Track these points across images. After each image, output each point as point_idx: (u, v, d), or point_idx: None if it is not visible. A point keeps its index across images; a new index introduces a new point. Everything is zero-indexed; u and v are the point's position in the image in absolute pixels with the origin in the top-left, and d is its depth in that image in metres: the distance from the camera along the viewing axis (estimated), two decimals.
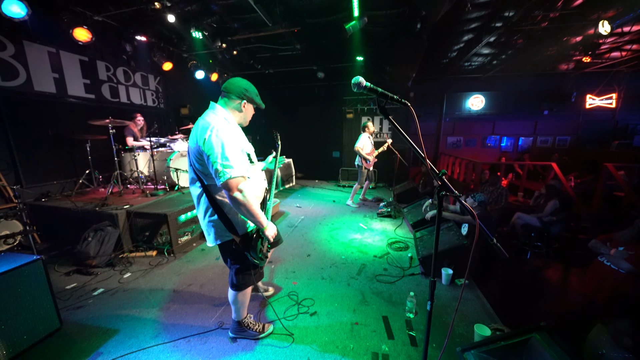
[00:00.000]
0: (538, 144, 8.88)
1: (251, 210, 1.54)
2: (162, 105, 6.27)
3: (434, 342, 2.01)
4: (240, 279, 1.82)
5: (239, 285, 1.84)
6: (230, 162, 1.44)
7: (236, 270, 1.81)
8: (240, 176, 1.47)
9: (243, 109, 1.66)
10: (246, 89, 1.64)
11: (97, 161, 4.41)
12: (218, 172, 1.43)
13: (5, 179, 3.65)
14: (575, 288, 3.22)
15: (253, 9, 4.16)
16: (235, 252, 1.75)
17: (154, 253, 3.46)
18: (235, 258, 1.79)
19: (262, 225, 1.63)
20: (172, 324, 2.24)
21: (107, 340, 2.06)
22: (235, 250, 1.72)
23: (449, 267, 2.84)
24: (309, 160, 9.30)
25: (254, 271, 1.82)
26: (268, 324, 2.15)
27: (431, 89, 8.80)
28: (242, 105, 1.65)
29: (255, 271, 1.83)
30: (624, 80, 7.75)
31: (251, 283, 1.87)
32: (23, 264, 1.91)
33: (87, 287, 2.77)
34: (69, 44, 4.18)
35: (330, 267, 3.19)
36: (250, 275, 1.81)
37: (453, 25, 5.15)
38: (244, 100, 1.64)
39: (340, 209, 5.62)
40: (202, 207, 1.67)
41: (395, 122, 1.31)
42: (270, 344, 2.02)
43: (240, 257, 1.75)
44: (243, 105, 1.65)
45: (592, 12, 4.37)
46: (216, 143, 1.43)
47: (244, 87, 1.63)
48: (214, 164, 1.43)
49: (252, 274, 1.81)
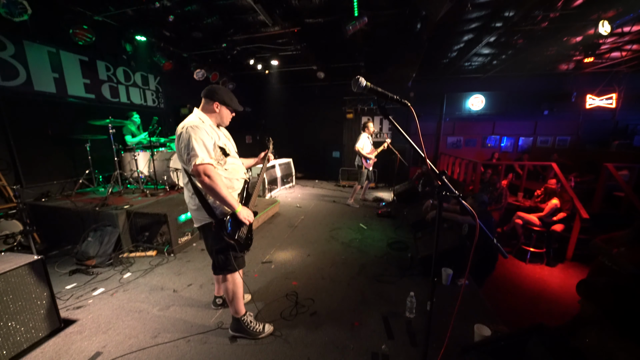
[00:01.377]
0: (538, 144, 8.88)
1: (219, 194, 1.71)
2: (162, 105, 6.27)
3: (434, 342, 2.01)
4: (221, 260, 1.92)
5: (220, 267, 1.94)
6: (196, 151, 1.66)
7: (216, 250, 1.92)
8: (207, 163, 1.67)
9: (216, 110, 1.88)
10: (217, 93, 1.86)
11: (97, 161, 4.41)
12: (187, 161, 1.68)
13: (5, 179, 3.65)
14: (575, 288, 3.22)
15: (253, 9, 4.16)
16: (214, 234, 1.88)
17: (154, 253, 3.46)
18: (214, 239, 1.91)
19: (234, 208, 1.78)
20: (172, 324, 2.24)
21: (107, 340, 2.06)
22: (215, 232, 1.87)
23: (449, 267, 2.84)
24: (309, 160, 9.31)
25: (233, 254, 1.91)
26: (269, 324, 2.15)
27: (431, 89, 8.80)
28: (215, 107, 1.87)
29: (235, 254, 1.92)
30: (624, 80, 7.75)
31: (232, 267, 1.94)
32: (23, 264, 1.91)
33: (87, 287, 2.77)
34: (69, 44, 4.18)
35: (330, 267, 3.19)
36: (229, 258, 1.90)
37: (453, 25, 5.14)
38: (215, 101, 1.86)
39: (340, 209, 5.62)
40: (187, 193, 1.89)
41: (395, 122, 1.31)
42: (270, 344, 2.02)
43: (218, 238, 1.87)
44: (215, 106, 1.86)
45: (592, 12, 4.36)
46: (185, 137, 1.69)
47: (215, 91, 1.86)
48: (185, 154, 1.68)
49: (232, 256, 1.91)
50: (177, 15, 4.41)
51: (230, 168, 1.92)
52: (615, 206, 4.78)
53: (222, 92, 1.88)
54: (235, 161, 2.00)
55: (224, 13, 4.63)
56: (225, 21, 4.85)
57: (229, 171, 1.91)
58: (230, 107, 1.93)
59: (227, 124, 2.00)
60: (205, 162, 1.67)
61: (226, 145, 1.90)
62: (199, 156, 1.66)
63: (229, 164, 1.91)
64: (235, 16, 4.76)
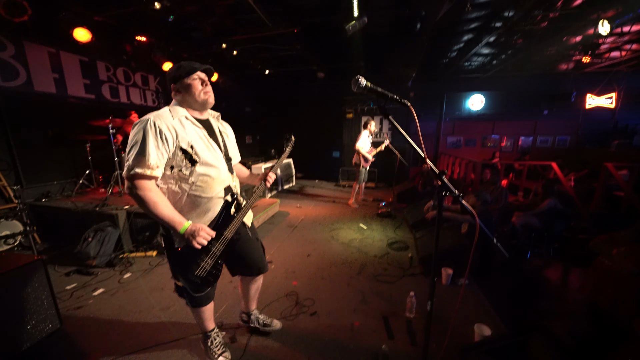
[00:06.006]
0: (538, 144, 8.89)
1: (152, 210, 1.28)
2: (162, 105, 6.25)
3: (434, 342, 2.01)
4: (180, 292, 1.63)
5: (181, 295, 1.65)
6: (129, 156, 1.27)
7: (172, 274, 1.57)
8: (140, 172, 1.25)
9: (178, 93, 1.44)
10: (167, 74, 1.46)
11: (97, 161, 4.41)
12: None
13: (5, 179, 3.65)
14: (575, 288, 3.22)
15: (253, 9, 4.16)
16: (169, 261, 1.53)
17: (154, 253, 3.46)
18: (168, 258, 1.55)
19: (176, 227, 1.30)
20: (172, 324, 2.24)
21: (107, 340, 2.06)
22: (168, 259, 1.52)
23: (448, 267, 2.84)
24: (309, 160, 9.30)
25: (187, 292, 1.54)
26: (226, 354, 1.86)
27: (431, 89, 8.81)
28: (174, 90, 1.44)
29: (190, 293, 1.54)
30: (623, 80, 7.76)
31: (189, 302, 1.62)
32: (23, 264, 1.91)
33: (87, 287, 2.77)
34: (69, 44, 4.18)
35: (330, 267, 3.19)
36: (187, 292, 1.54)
37: (453, 25, 5.15)
38: (170, 84, 1.44)
39: (340, 209, 5.62)
40: None
41: (395, 122, 1.31)
42: (270, 344, 2.03)
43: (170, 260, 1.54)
44: (173, 89, 1.44)
45: (591, 12, 4.37)
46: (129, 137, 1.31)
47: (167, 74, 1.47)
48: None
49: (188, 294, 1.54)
50: (177, 16, 4.41)
51: (199, 182, 1.41)
52: (615, 206, 4.78)
53: (170, 70, 1.44)
54: (212, 172, 1.44)
55: (224, 13, 4.63)
56: (226, 21, 4.85)
57: (198, 187, 1.41)
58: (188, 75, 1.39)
59: (208, 99, 1.45)
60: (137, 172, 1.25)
61: (194, 147, 1.37)
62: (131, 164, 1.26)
63: (198, 175, 1.40)
64: (235, 16, 4.76)
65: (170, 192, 1.42)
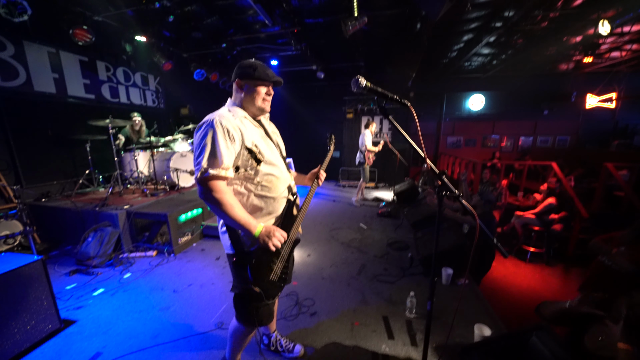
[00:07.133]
0: (538, 144, 8.88)
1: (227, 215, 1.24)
2: (162, 105, 6.28)
3: (434, 342, 2.01)
4: (240, 308, 1.46)
5: (239, 316, 1.49)
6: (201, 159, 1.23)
7: (234, 295, 1.44)
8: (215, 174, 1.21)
9: (241, 91, 1.37)
10: (238, 67, 1.35)
11: (97, 161, 4.41)
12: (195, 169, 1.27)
13: (5, 179, 3.66)
14: (575, 288, 3.22)
15: (253, 9, 4.16)
16: (234, 268, 1.40)
17: (154, 253, 3.46)
18: (234, 276, 1.43)
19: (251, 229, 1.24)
20: (172, 324, 2.24)
21: (107, 340, 2.06)
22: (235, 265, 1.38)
23: (449, 266, 2.84)
24: (309, 160, 9.28)
25: (255, 304, 1.38)
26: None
27: (431, 89, 8.80)
28: (237, 86, 1.37)
29: (257, 304, 1.39)
30: (624, 80, 7.75)
31: (252, 320, 1.43)
32: (23, 264, 1.91)
33: (87, 287, 2.77)
34: (69, 44, 4.18)
35: (330, 267, 3.19)
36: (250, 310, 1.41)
37: (453, 25, 5.15)
38: (236, 79, 1.36)
39: (341, 209, 5.62)
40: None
41: (395, 121, 1.31)
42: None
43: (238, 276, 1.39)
44: (238, 85, 1.36)
45: (592, 12, 4.36)
46: (197, 136, 1.28)
47: (237, 66, 1.37)
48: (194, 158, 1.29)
49: (253, 307, 1.39)
50: (177, 16, 4.41)
51: (265, 182, 1.37)
52: (615, 206, 4.78)
53: (244, 64, 1.35)
54: (275, 171, 1.40)
55: (224, 13, 4.63)
56: (225, 21, 4.85)
57: (264, 187, 1.37)
58: (259, 80, 1.33)
59: (266, 107, 1.41)
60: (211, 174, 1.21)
61: (258, 146, 1.34)
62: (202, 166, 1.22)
63: (264, 174, 1.36)
64: (235, 16, 4.76)
65: (236, 194, 1.35)
